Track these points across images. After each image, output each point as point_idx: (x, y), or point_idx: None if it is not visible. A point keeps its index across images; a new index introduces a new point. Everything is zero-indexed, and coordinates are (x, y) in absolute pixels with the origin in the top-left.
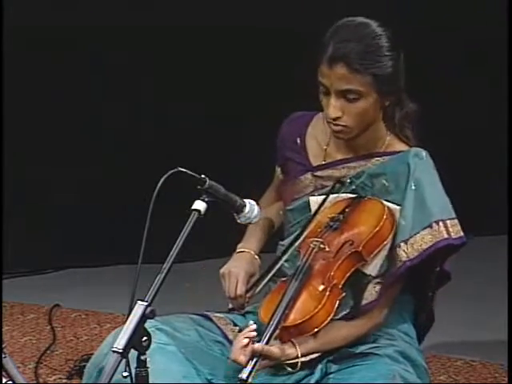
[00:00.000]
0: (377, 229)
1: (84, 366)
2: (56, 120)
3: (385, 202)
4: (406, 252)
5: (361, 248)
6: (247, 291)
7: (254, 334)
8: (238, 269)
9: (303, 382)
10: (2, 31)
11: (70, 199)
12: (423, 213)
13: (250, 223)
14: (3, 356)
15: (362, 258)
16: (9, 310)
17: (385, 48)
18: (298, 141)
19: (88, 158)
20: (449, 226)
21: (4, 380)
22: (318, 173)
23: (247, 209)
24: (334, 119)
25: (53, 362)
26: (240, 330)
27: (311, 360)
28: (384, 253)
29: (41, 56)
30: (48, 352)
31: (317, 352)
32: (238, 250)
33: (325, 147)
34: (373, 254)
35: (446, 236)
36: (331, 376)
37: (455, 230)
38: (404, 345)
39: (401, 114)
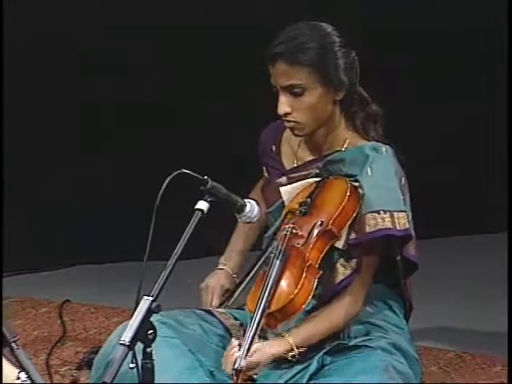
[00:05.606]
0: (342, 205)
1: (93, 357)
2: (56, 120)
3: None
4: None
5: (330, 226)
6: (221, 304)
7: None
8: (214, 284)
9: (300, 374)
10: (2, 31)
11: (71, 199)
12: (373, 198)
13: (250, 222)
14: (16, 348)
15: (334, 235)
16: (21, 305)
17: (328, 43)
18: (274, 148)
19: (90, 157)
20: (395, 217)
21: (17, 371)
22: (292, 175)
23: (248, 208)
24: (285, 116)
25: (63, 353)
26: (241, 324)
27: (305, 353)
28: None
29: (41, 56)
30: (59, 344)
31: (302, 346)
32: (218, 267)
33: (295, 150)
34: (344, 229)
35: (389, 226)
36: (327, 368)
37: (401, 223)
38: (395, 336)
39: (363, 116)
